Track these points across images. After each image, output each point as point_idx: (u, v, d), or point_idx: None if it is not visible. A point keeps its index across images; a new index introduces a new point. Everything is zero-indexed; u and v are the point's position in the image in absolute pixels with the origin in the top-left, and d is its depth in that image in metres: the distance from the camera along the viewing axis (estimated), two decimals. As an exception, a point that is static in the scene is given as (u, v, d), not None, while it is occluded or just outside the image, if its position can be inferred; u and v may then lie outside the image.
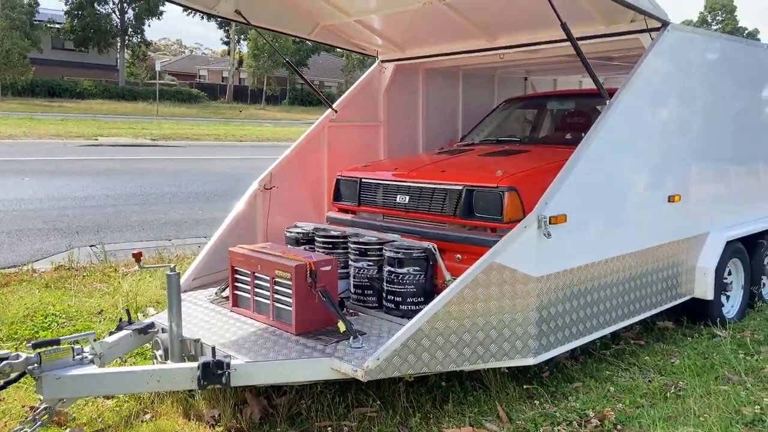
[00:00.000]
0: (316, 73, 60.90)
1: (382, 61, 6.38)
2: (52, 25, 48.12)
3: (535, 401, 3.72)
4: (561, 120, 5.93)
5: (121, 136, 22.93)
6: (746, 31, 74.77)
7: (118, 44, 50.19)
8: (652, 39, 4.35)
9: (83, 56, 50.39)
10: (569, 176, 3.72)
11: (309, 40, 6.15)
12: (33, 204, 10.60)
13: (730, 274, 5.30)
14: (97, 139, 21.30)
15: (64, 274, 6.71)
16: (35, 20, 43.93)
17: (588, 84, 7.02)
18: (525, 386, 3.85)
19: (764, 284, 5.81)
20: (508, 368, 3.97)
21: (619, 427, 3.42)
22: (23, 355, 3.11)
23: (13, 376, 3.11)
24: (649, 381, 4.00)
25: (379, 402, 3.68)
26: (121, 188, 12.56)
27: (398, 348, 3.27)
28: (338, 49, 6.76)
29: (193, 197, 12.04)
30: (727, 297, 5.30)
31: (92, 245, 8.13)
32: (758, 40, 72.84)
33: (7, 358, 3.06)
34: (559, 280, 3.71)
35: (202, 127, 29.99)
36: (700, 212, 4.89)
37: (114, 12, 48.09)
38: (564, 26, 3.75)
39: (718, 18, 76.72)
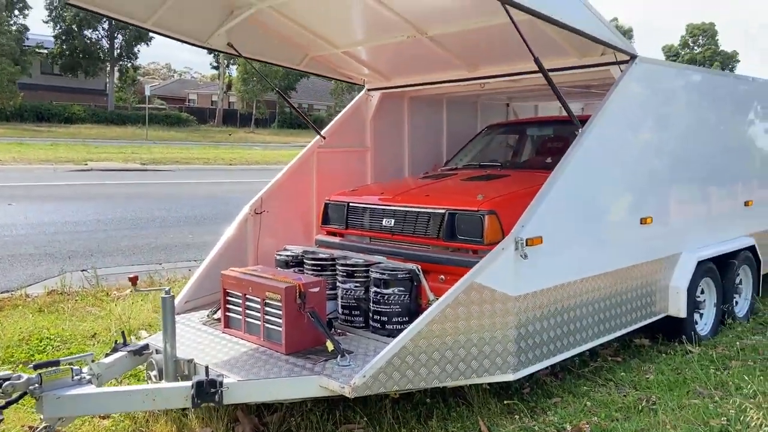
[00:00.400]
0: (305, 97, 61.40)
1: (369, 90, 6.62)
2: (41, 50, 48.34)
3: (516, 416, 3.89)
4: (540, 145, 6.18)
5: (111, 161, 23.05)
6: (726, 55, 76.41)
7: (108, 69, 50.43)
8: (621, 71, 4.61)
9: (72, 81, 50.54)
10: (544, 200, 3.93)
11: (298, 70, 6.39)
12: (24, 229, 10.70)
13: (703, 292, 5.52)
14: (87, 164, 21.39)
15: (56, 298, 6.82)
16: (24, 46, 44.13)
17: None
18: (506, 402, 4.02)
19: (737, 302, 6.04)
20: (490, 385, 4.14)
21: (594, 438, 3.60)
22: (25, 376, 3.25)
23: (15, 396, 3.24)
24: (624, 395, 4.18)
25: (365, 419, 3.84)
26: (111, 213, 12.68)
27: (384, 365, 3.44)
28: (326, 77, 6.97)
29: (183, 221, 12.17)
30: (701, 315, 5.52)
31: (83, 270, 8.24)
32: (738, 62, 74.08)
33: (9, 379, 3.19)
34: (537, 299, 3.91)
35: (192, 151, 30.15)
36: (671, 234, 5.12)
37: (103, 38, 48.37)
38: (537, 61, 4.00)
39: (699, 42, 78.34)
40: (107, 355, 3.93)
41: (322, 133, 6.19)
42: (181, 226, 11.70)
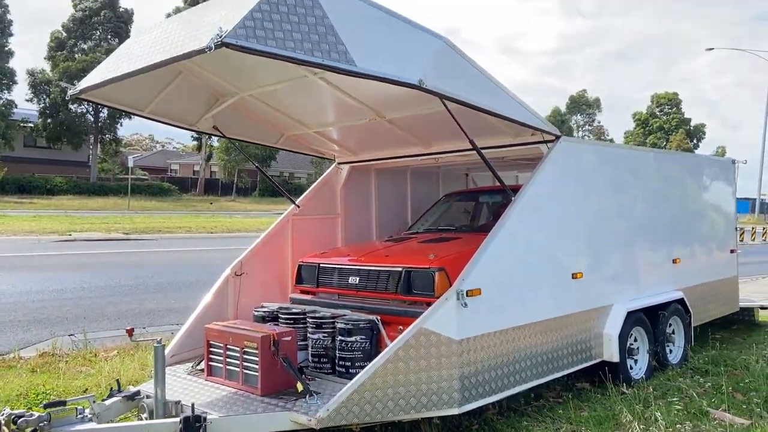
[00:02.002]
0: (286, 165, 62.69)
1: (339, 163, 7.42)
2: (25, 124, 49.34)
3: (462, 446, 4.46)
4: (490, 210, 6.95)
5: (94, 231, 23.53)
6: (697, 128, 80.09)
7: (91, 141, 51.41)
8: (548, 148, 5.44)
9: (54, 153, 51.29)
10: (482, 258, 4.65)
11: (276, 147, 7.17)
12: (12, 297, 11.13)
13: (636, 340, 6.19)
14: (70, 235, 21.85)
15: (48, 359, 7.28)
16: (10, 120, 45.10)
17: (523, 179, 8.12)
18: (448, 429, 4.59)
19: (671, 350, 6.71)
20: (443, 422, 4.72)
21: (527, 462, 4.19)
22: (36, 414, 3.80)
23: (27, 431, 3.77)
24: (557, 429, 4.78)
25: (331, 451, 4.38)
26: (96, 281, 13.14)
27: (345, 400, 4.04)
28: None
29: (165, 287, 12.67)
30: (635, 360, 6.17)
31: (71, 334, 8.69)
32: (704, 133, 77.57)
33: (23, 416, 3.74)
34: (477, 342, 4.56)
35: (174, 220, 30.72)
36: (602, 287, 5.85)
37: (88, 112, 49.52)
38: (471, 141, 4.82)
39: (666, 110, 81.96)
40: (104, 400, 4.47)
41: (297, 202, 6.92)
42: (164, 291, 12.19)
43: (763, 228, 36.16)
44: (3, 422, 3.68)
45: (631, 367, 6.07)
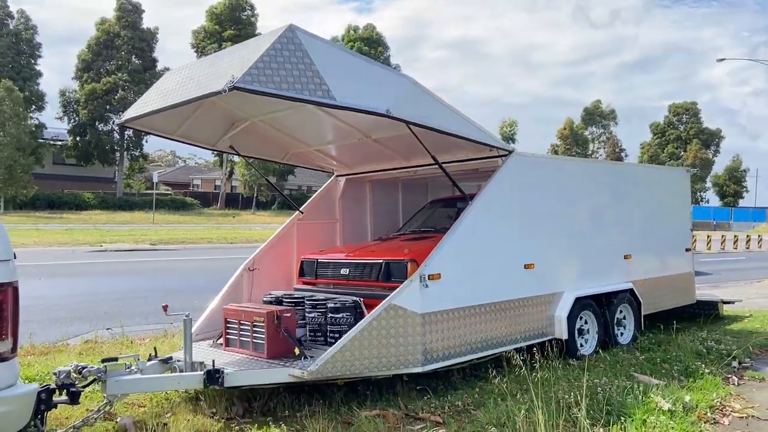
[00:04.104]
0: (304, 179, 64.25)
1: (337, 176, 8.64)
2: (55, 142, 51.63)
3: (425, 397, 5.61)
4: (465, 215, 8.10)
5: (123, 242, 25.10)
6: (710, 132, 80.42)
7: (117, 158, 53.47)
8: (503, 161, 6.61)
9: (81, 170, 53.45)
10: (443, 248, 5.82)
11: (283, 163, 8.42)
12: (55, 299, 12.51)
13: (586, 323, 7.29)
14: (101, 245, 23.41)
15: (92, 345, 8.57)
16: (41, 139, 47.29)
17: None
18: (418, 387, 5.75)
19: (622, 333, 7.79)
20: (415, 382, 5.86)
21: (473, 408, 5.33)
22: (95, 367, 5.03)
23: (90, 379, 5.01)
24: (506, 385, 5.90)
25: (321, 400, 5.57)
26: (127, 285, 14.51)
27: (330, 358, 5.22)
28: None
29: (190, 290, 13.94)
30: (586, 339, 7.27)
31: (108, 328, 9.99)
32: (723, 138, 77.62)
33: (86, 368, 4.98)
34: (438, 316, 5.71)
35: (196, 232, 32.27)
36: (553, 277, 6.97)
37: (114, 130, 51.59)
38: (433, 156, 6.02)
39: (683, 120, 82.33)
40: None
41: (301, 209, 8.15)
42: (189, 294, 13.40)
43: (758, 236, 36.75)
44: (72, 370, 4.92)
45: (582, 345, 7.17)
